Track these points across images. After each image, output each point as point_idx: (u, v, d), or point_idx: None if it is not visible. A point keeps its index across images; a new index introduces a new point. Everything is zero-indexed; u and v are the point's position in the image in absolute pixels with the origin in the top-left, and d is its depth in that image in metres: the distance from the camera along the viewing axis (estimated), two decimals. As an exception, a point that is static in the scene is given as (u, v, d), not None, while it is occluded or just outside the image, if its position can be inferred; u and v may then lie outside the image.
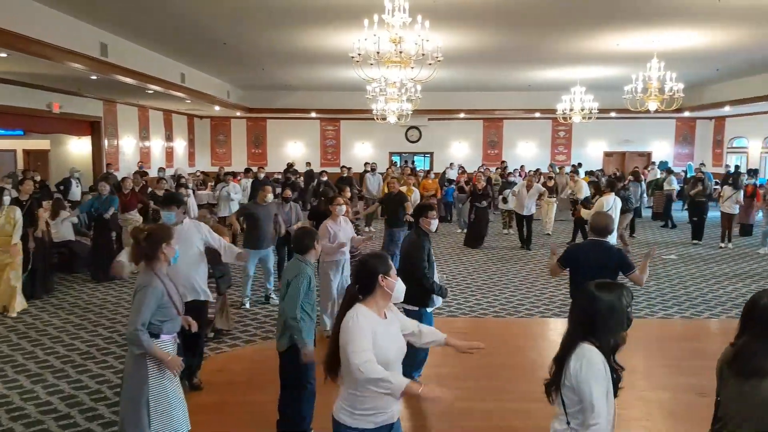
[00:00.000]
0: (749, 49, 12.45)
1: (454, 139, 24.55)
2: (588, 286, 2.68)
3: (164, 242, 3.72)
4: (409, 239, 5.37)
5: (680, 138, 24.98)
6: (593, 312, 2.58)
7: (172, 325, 3.76)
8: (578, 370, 2.50)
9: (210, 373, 5.71)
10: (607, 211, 9.37)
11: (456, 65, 15.01)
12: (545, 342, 7.16)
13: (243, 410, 5.09)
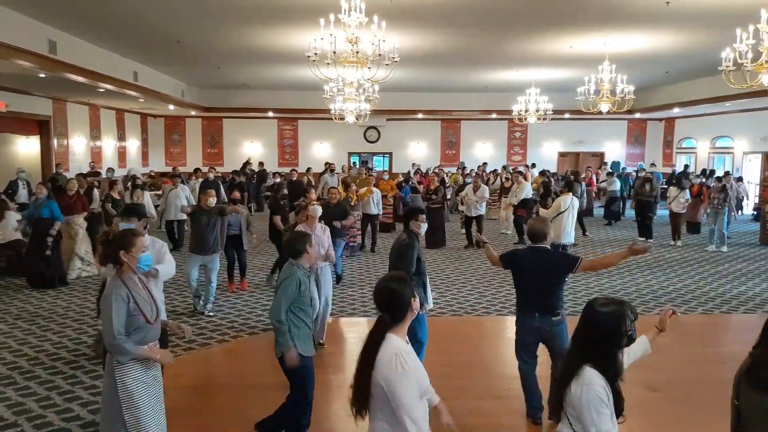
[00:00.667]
0: (696, 52, 12.89)
1: (413, 140, 24.68)
2: (592, 305, 2.62)
3: (122, 249, 3.50)
4: (401, 240, 5.34)
5: (632, 139, 25.70)
6: (597, 333, 2.55)
7: (142, 335, 3.50)
8: (579, 396, 2.47)
9: (169, 377, 5.57)
10: (564, 210, 9.56)
11: (413, 66, 15.10)
12: (502, 340, 7.25)
13: (215, 413, 5.02)
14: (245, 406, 5.09)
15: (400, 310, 2.62)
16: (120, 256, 3.50)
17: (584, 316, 2.61)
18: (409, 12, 9.59)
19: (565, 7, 9.51)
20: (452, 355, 6.30)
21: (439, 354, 6.10)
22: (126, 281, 3.51)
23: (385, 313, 2.62)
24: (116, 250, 3.51)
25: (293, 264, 4.28)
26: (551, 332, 4.61)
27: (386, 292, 2.66)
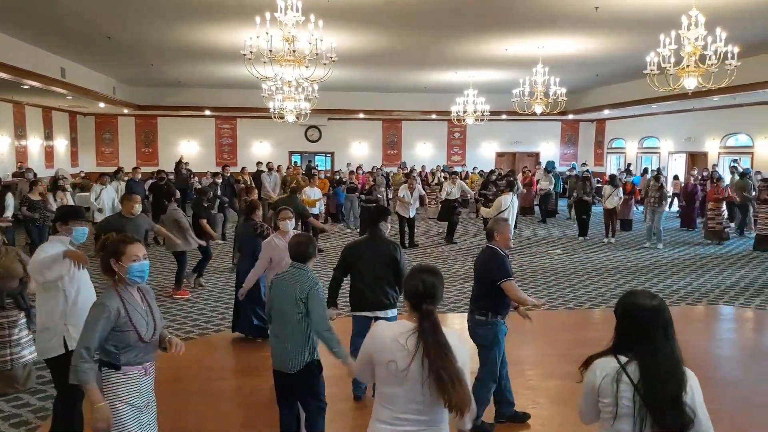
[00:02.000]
0: (624, 56, 13.41)
1: (355, 139, 24.68)
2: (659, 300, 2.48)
3: (113, 258, 3.19)
4: (386, 246, 5.06)
5: (565, 139, 26.56)
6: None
7: (134, 354, 3.16)
8: (693, 399, 2.31)
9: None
10: (504, 209, 9.77)
11: (353, 65, 15.08)
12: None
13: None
14: (186, 414, 4.95)
15: (440, 292, 2.68)
16: (111, 265, 3.19)
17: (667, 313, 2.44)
18: (347, 12, 9.56)
19: (501, 10, 9.71)
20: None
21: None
22: (121, 292, 3.18)
23: (432, 300, 2.61)
24: (106, 258, 3.20)
25: (303, 269, 3.97)
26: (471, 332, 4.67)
27: (430, 278, 2.64)
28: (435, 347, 2.47)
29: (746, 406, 5.26)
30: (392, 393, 2.54)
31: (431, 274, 2.64)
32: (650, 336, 2.35)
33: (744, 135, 18.72)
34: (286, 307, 3.85)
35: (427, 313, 2.54)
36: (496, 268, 4.51)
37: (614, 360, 2.38)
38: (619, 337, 2.44)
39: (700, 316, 8.43)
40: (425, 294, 2.57)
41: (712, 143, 19.85)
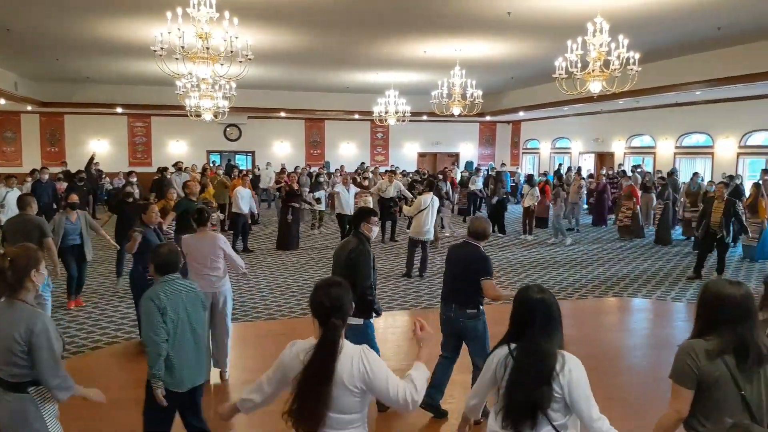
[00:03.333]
0: (536, 60, 13.95)
1: (276, 138, 24.34)
2: (543, 290, 2.70)
3: (33, 269, 2.97)
4: (353, 246, 4.76)
5: (483, 140, 27.32)
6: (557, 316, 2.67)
7: None
8: (570, 382, 2.56)
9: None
10: (424, 208, 9.91)
11: (273, 64, 14.88)
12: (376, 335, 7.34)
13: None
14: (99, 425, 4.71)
15: (347, 314, 2.57)
16: (30, 276, 2.95)
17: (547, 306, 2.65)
18: (264, 10, 9.42)
19: (419, 13, 9.86)
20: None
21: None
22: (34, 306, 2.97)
23: (338, 317, 2.52)
24: (25, 272, 2.93)
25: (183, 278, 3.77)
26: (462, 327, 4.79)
27: (337, 297, 2.55)
28: (316, 365, 2.45)
29: (648, 390, 5.59)
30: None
31: (337, 286, 2.60)
32: (533, 324, 2.59)
33: (647, 136, 19.94)
34: (194, 317, 3.67)
35: (333, 327, 2.50)
36: (483, 266, 4.69)
37: (506, 347, 2.66)
38: (512, 325, 2.70)
39: (607, 307, 8.89)
40: (332, 308, 2.53)
41: (618, 144, 21.03)
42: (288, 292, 9.13)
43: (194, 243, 5.57)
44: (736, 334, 2.43)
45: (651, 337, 7.61)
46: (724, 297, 2.49)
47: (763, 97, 15.02)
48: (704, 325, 2.54)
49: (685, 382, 2.48)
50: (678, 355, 2.53)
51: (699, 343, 2.50)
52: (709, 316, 2.53)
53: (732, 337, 2.43)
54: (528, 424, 2.52)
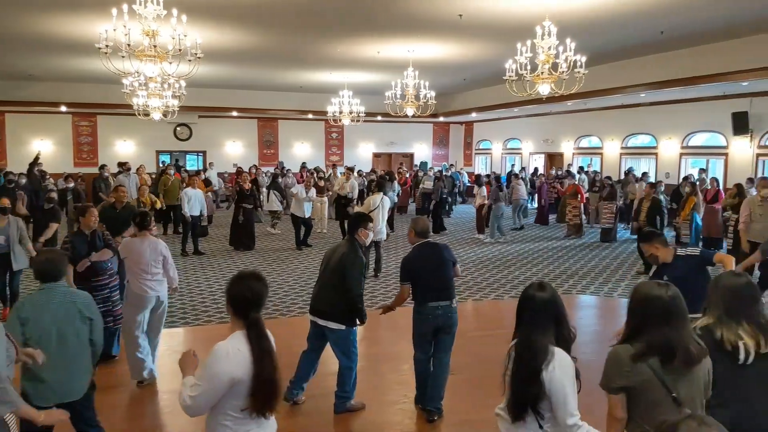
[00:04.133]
0: (488, 62, 14.14)
1: (228, 138, 23.95)
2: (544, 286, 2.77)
3: None
4: (346, 252, 4.77)
5: (437, 140, 27.57)
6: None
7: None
8: (559, 379, 2.62)
9: None
10: (374, 209, 9.93)
11: (223, 62, 14.64)
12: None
13: None
14: None
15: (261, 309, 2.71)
16: None
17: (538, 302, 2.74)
18: (213, 8, 9.25)
19: (372, 14, 9.86)
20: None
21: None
22: None
23: (257, 310, 2.63)
24: None
25: (60, 286, 3.57)
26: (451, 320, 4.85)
27: (258, 291, 2.64)
28: (265, 355, 2.56)
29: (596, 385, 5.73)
30: (238, 405, 2.57)
31: (257, 280, 2.65)
32: (523, 320, 2.73)
33: (595, 137, 20.51)
34: (66, 330, 3.47)
35: (254, 321, 2.57)
36: (453, 255, 5.02)
37: (513, 340, 2.78)
38: (516, 319, 2.82)
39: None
40: (252, 301, 2.58)
41: (567, 144, 21.56)
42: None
43: (135, 247, 5.44)
44: (663, 335, 2.46)
45: (599, 333, 7.81)
46: (652, 298, 2.53)
47: (703, 99, 15.66)
48: (635, 327, 2.58)
49: (616, 390, 2.52)
50: (606, 364, 2.56)
51: (624, 348, 2.53)
52: (639, 318, 2.57)
53: (659, 339, 2.46)
54: (523, 415, 2.61)
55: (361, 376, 5.18)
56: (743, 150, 15.31)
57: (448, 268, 4.88)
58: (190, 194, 12.11)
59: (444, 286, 4.84)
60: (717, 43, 11.65)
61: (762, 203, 8.39)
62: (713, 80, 12.10)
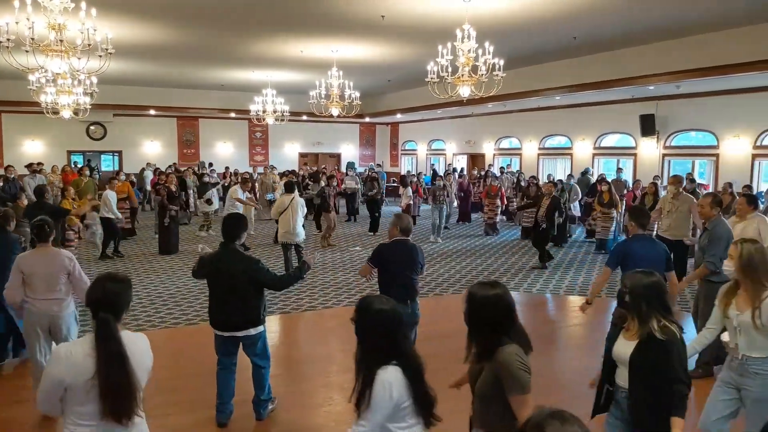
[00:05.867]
0: (411, 63, 14.32)
1: (146, 137, 23.06)
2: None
3: None
4: (242, 265, 4.48)
5: (364, 141, 27.67)
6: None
7: None
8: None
9: None
10: (283, 210, 9.78)
11: (139, 59, 14.10)
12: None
13: None
14: None
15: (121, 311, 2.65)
16: None
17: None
18: (128, 2, 8.88)
19: (294, 12, 9.75)
20: (185, 367, 6.02)
21: (169, 368, 5.80)
22: None
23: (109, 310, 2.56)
24: None
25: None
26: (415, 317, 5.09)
27: (114, 292, 2.61)
28: (111, 359, 2.48)
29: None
30: (90, 410, 2.48)
31: (115, 281, 2.64)
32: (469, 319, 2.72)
33: (515, 138, 21.19)
34: None
35: (102, 321, 2.53)
36: (422, 255, 5.25)
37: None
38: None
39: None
40: (103, 301, 2.56)
41: (488, 145, 22.17)
42: (158, 301, 8.66)
43: (33, 261, 4.81)
44: (516, 329, 2.60)
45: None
46: (500, 297, 2.60)
47: (614, 102, 16.49)
48: (494, 329, 2.58)
49: (526, 386, 2.50)
50: (515, 371, 2.49)
51: (514, 347, 2.54)
52: (499, 317, 2.58)
53: (516, 332, 2.60)
54: None
55: (286, 381, 5.12)
56: (650, 150, 16.25)
57: (415, 269, 5.13)
58: (112, 196, 11.70)
59: (409, 284, 5.08)
60: (626, 49, 12.31)
61: (672, 200, 8.72)
62: (622, 84, 12.78)
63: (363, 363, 2.51)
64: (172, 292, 9.17)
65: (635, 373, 2.93)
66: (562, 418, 1.51)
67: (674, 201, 8.70)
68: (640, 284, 2.95)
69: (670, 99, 15.22)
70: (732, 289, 3.64)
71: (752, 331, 3.44)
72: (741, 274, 3.55)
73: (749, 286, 3.51)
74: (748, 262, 3.50)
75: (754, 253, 3.52)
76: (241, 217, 4.85)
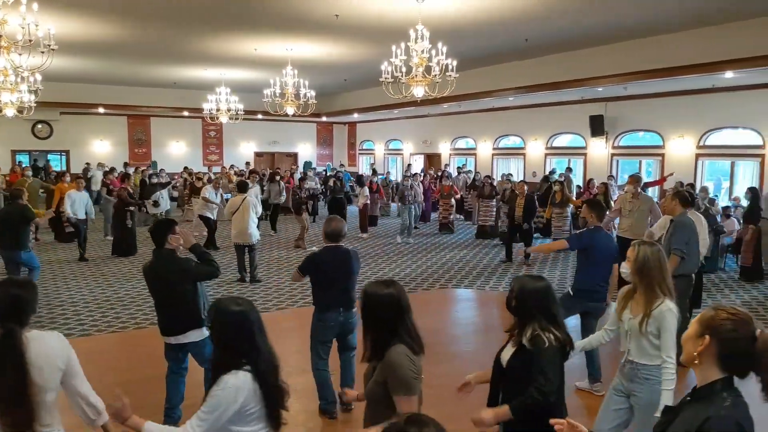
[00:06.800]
0: (366, 63, 14.29)
1: (95, 136, 22.38)
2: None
3: None
4: (168, 269, 4.41)
5: (321, 140, 27.53)
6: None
7: None
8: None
9: None
10: (234, 210, 9.65)
11: (86, 55, 13.69)
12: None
13: None
14: None
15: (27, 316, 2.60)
16: None
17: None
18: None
19: (247, 9, 9.61)
20: (137, 371, 5.88)
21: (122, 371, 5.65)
22: None
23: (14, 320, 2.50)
24: None
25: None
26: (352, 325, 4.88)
27: (17, 298, 2.54)
28: (3, 369, 2.41)
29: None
30: None
31: (19, 287, 2.58)
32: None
33: (470, 138, 21.46)
34: None
35: (8, 332, 2.45)
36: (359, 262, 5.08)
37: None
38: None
39: (435, 298, 9.40)
40: (8, 308, 2.49)
41: (444, 145, 22.38)
42: (106, 305, 8.43)
43: None
44: (408, 330, 2.60)
45: (471, 324, 8.19)
46: (384, 296, 2.62)
47: (565, 103, 16.87)
48: (386, 328, 2.59)
49: (416, 389, 2.50)
50: (401, 371, 2.49)
51: (403, 349, 2.54)
52: (391, 314, 2.59)
53: (408, 332, 2.60)
54: None
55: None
56: (600, 150, 16.69)
57: (351, 276, 4.87)
58: (74, 197, 11.37)
59: (347, 294, 4.85)
60: (576, 51, 12.61)
61: (632, 200, 8.66)
62: (572, 86, 13.09)
63: (214, 364, 2.47)
64: (128, 290, 8.94)
65: (509, 380, 2.89)
66: (419, 422, 1.54)
67: (634, 201, 8.60)
68: (527, 289, 2.89)
69: (619, 100, 15.67)
70: (630, 292, 3.52)
71: (640, 337, 3.36)
72: (636, 277, 3.43)
73: (643, 291, 3.40)
74: (642, 266, 3.38)
75: (650, 256, 3.38)
76: (170, 222, 4.72)
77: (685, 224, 5.70)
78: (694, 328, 1.95)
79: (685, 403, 1.96)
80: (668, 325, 3.28)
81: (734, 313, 1.89)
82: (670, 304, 3.32)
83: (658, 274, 3.35)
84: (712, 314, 1.92)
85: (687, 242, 5.63)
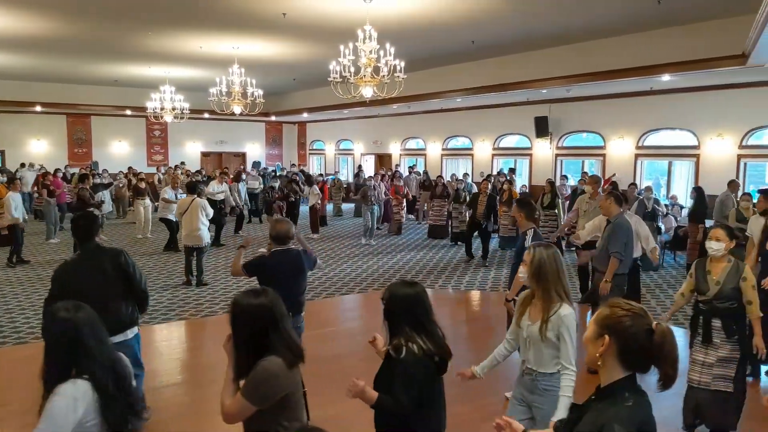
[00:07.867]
0: (315, 62, 14.20)
1: (32, 136, 21.44)
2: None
3: None
4: (109, 264, 4.13)
5: (270, 140, 27.19)
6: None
7: None
8: None
9: None
10: (184, 211, 9.43)
11: (21, 52, 13.15)
12: (152, 348, 6.82)
13: None
14: None
15: None
16: None
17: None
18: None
19: (192, 6, 9.40)
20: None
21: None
22: None
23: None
24: None
25: None
26: (299, 330, 4.63)
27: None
28: None
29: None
30: None
31: None
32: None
33: (420, 139, 21.61)
34: None
35: None
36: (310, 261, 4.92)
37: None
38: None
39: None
40: None
41: (395, 146, 22.48)
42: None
43: None
44: (284, 340, 2.43)
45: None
46: (257, 306, 2.46)
47: (511, 105, 17.21)
48: (251, 335, 2.43)
49: (263, 402, 2.36)
50: (264, 382, 2.35)
51: (273, 361, 2.37)
52: (259, 325, 2.42)
53: (290, 342, 2.45)
54: None
55: (182, 389, 4.93)
56: (544, 151, 17.09)
57: (300, 280, 4.71)
58: (16, 199, 10.89)
59: (293, 297, 4.61)
60: (520, 54, 12.88)
61: (590, 200, 8.66)
62: (517, 87, 13.36)
63: (46, 374, 2.26)
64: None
65: (377, 388, 2.78)
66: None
67: (591, 201, 8.60)
68: (396, 295, 2.79)
69: (562, 102, 16.08)
70: (529, 298, 3.36)
71: (540, 345, 3.19)
72: (532, 281, 3.28)
73: (540, 295, 3.24)
74: (539, 269, 3.23)
75: (546, 258, 3.24)
76: (94, 217, 4.52)
77: (622, 226, 5.82)
78: (593, 329, 1.92)
79: (591, 402, 1.95)
80: (567, 330, 3.13)
81: (629, 309, 1.87)
82: (568, 309, 3.18)
83: (554, 277, 3.20)
84: (608, 312, 1.90)
85: (626, 243, 5.77)
